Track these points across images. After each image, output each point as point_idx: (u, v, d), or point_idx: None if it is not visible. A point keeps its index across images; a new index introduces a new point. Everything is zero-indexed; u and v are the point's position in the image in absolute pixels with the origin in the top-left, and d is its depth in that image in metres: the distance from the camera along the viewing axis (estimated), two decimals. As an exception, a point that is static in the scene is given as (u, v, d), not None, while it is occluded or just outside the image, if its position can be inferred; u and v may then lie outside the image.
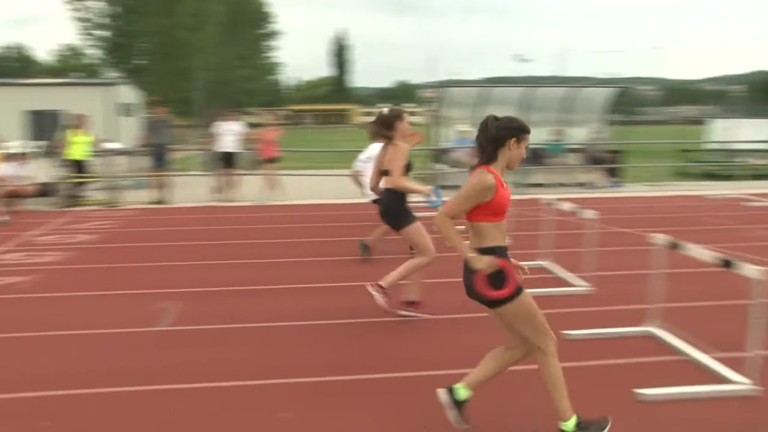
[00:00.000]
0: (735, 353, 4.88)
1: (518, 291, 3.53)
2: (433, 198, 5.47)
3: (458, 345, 5.25)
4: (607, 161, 16.98)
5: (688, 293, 6.61)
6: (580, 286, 6.83)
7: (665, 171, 19.43)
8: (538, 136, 17.17)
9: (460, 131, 15.84)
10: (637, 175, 18.38)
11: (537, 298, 6.43)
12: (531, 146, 16.05)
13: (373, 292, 5.69)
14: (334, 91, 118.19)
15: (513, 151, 3.58)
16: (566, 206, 7.38)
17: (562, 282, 7.13)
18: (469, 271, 3.53)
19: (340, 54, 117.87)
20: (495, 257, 3.49)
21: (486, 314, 3.76)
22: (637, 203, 13.51)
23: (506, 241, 3.67)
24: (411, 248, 6.03)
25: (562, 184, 16.32)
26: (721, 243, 9.16)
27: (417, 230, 5.78)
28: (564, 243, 8.78)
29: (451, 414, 3.78)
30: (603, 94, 18.15)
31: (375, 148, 7.40)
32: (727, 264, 4.38)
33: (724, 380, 4.43)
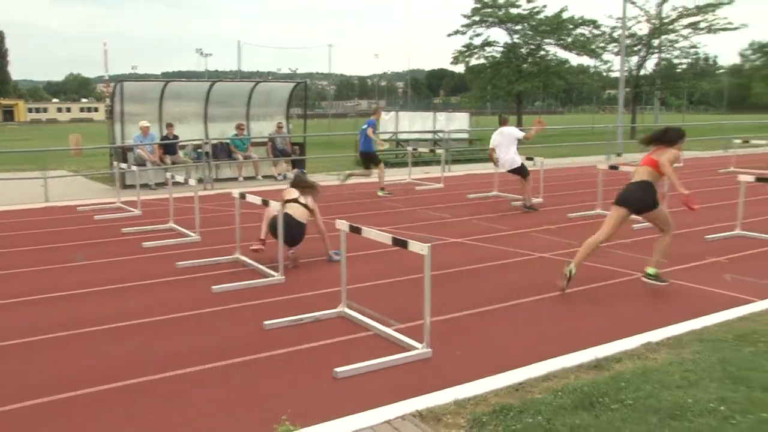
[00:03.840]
0: (412, 322, 5.45)
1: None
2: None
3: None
4: (293, 153, 17.61)
5: (373, 272, 7.17)
6: (273, 276, 6.98)
7: (345, 161, 20.76)
8: (223, 130, 17.14)
9: (142, 127, 15.08)
10: (319, 166, 19.38)
11: (234, 291, 6.51)
12: (217, 141, 15.77)
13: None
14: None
15: None
16: (256, 199, 7.47)
17: (256, 274, 7.22)
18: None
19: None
20: None
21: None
22: (322, 192, 14.20)
23: None
24: None
25: (251, 178, 16.51)
26: (395, 224, 10.11)
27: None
28: (255, 235, 8.87)
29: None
30: (284, 88, 18.73)
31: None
32: (400, 243, 4.84)
33: (405, 348, 4.90)
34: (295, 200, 7.69)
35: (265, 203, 7.23)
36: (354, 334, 5.29)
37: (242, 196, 7.81)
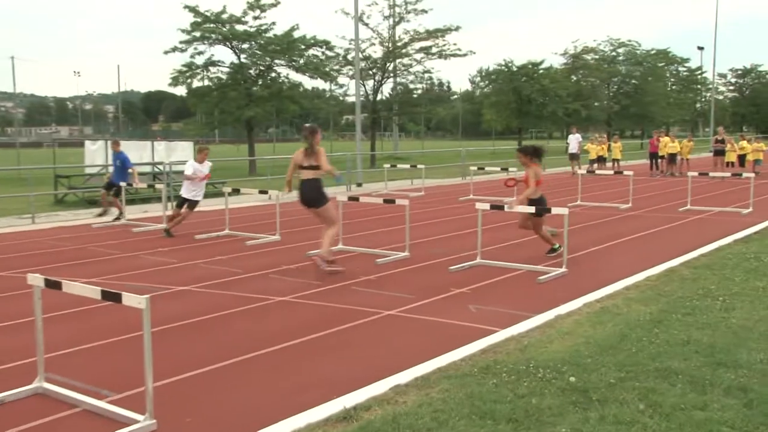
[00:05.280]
0: (132, 390, 5.17)
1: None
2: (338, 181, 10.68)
3: None
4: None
5: (81, 335, 6.68)
6: (-53, 350, 6.17)
7: (42, 201, 19.22)
8: None
9: None
10: (6, 208, 17.73)
11: None
12: None
13: (322, 264, 9.31)
14: None
15: None
16: None
17: None
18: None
19: None
20: None
21: None
22: (9, 240, 12.99)
23: None
24: None
25: None
26: (108, 274, 9.56)
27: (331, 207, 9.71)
28: None
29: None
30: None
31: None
32: (111, 297, 4.58)
33: (124, 422, 4.62)
34: (307, 167, 9.42)
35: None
36: (56, 414, 4.85)
37: None
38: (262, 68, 36.86)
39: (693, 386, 5.08)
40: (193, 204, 13.32)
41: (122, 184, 15.46)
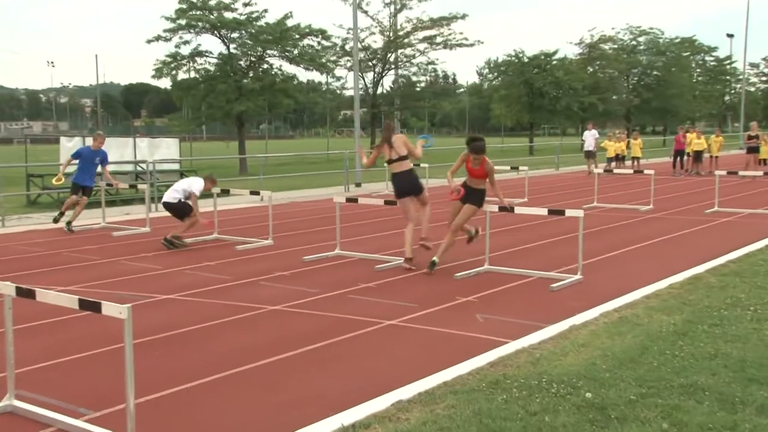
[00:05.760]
0: (112, 408, 5.17)
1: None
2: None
3: None
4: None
5: (56, 347, 6.69)
6: None
7: (11, 201, 19.24)
8: None
9: None
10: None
11: None
12: None
13: (430, 244, 10.49)
14: None
15: None
16: None
17: None
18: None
19: None
20: None
21: None
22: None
23: None
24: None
25: None
26: (87, 282, 9.57)
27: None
28: None
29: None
30: None
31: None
32: (90, 306, 4.58)
33: (104, 442, 4.62)
34: (395, 160, 10.41)
35: None
36: (32, 433, 4.87)
37: None
38: (253, 59, 36.90)
39: (722, 404, 5.08)
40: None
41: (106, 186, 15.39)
